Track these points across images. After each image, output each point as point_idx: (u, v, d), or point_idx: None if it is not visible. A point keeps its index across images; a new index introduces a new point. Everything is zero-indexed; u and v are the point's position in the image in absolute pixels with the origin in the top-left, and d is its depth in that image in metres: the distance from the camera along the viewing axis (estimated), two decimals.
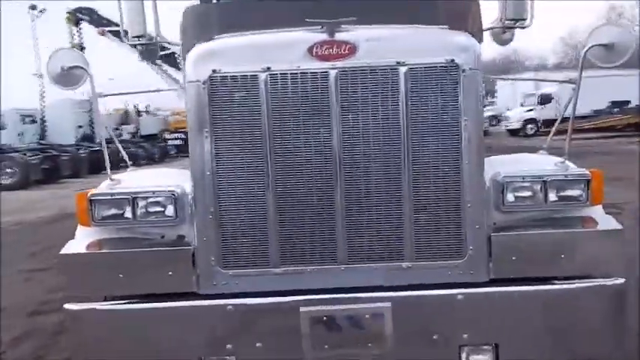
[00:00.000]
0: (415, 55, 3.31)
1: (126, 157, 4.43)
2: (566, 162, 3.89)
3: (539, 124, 35.85)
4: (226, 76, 3.34)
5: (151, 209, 3.55)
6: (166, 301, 3.47)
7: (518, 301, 3.40)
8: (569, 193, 3.49)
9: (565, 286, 3.41)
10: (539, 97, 36.77)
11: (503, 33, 6.05)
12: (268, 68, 3.32)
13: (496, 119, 45.60)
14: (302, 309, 3.37)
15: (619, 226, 3.47)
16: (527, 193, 3.49)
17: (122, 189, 3.63)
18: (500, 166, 3.70)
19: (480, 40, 3.55)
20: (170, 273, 3.45)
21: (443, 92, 3.33)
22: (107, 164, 3.92)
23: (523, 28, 4.56)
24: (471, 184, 3.38)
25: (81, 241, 3.67)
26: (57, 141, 31.01)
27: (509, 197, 3.48)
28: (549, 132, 4.11)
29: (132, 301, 3.50)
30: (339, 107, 3.33)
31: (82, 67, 3.80)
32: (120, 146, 4.42)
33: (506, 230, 3.50)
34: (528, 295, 3.40)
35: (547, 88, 36.40)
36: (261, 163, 3.39)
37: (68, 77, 3.86)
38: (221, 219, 3.43)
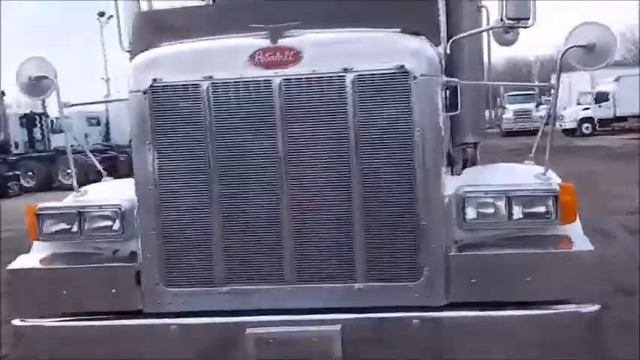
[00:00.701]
0: (363, 61, 3.08)
1: (99, 166, 4.33)
2: (549, 174, 3.59)
3: (596, 124, 34.57)
4: (167, 86, 3.20)
5: (98, 224, 3.43)
6: (113, 320, 3.34)
7: (478, 327, 3.12)
8: (535, 209, 3.19)
9: (531, 313, 3.11)
10: (595, 95, 35.46)
11: (506, 33, 5.74)
12: (210, 77, 3.16)
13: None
14: (248, 330, 3.18)
15: (591, 247, 3.15)
16: (490, 210, 3.20)
17: (71, 203, 3.53)
18: (471, 178, 3.43)
19: (437, 44, 3.28)
20: (113, 291, 3.32)
21: (393, 101, 3.10)
22: (73, 175, 3.84)
23: (526, 27, 4.26)
24: (425, 199, 3.12)
25: (31, 255, 3.59)
26: (120, 142, 31.78)
27: (470, 214, 3.20)
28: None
29: (77, 318, 3.38)
30: (284, 118, 3.14)
31: (47, 77, 3.72)
32: (90, 155, 4.34)
33: (469, 249, 3.23)
34: (489, 321, 3.12)
35: (603, 86, 35.05)
36: (205, 177, 3.22)
37: (36, 87, 3.79)
38: (164, 235, 3.29)
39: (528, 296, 3.13)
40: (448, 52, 4.97)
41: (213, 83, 3.16)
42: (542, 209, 3.18)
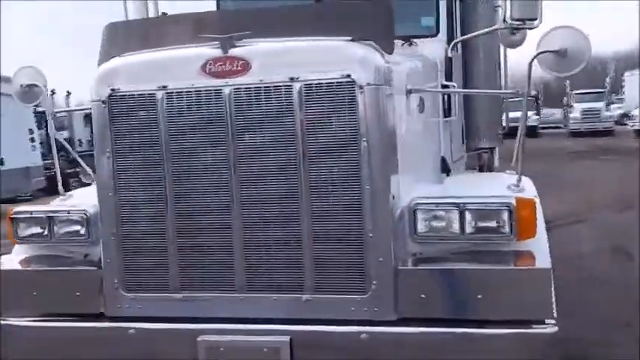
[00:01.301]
0: (310, 71, 3.05)
1: (89, 170, 4.45)
2: (522, 184, 3.48)
3: None
4: (125, 95, 3.26)
5: (67, 229, 3.54)
6: (74, 322, 3.44)
7: (427, 345, 3.04)
8: (487, 224, 3.08)
9: (480, 332, 3.00)
10: None
11: (512, 34, 5.56)
12: (164, 87, 3.20)
13: (627, 117, 42.36)
14: (199, 338, 3.21)
15: (546, 266, 3.02)
16: (442, 223, 3.11)
17: (44, 207, 3.65)
18: (441, 188, 3.35)
19: (391, 52, 3.19)
20: (77, 294, 3.42)
21: (339, 111, 3.05)
22: (59, 181, 3.98)
23: (532, 28, 4.14)
24: (372, 211, 3.06)
25: (11, 257, 3.74)
26: None
27: (421, 226, 3.13)
28: None
29: (43, 319, 3.50)
30: (234, 127, 3.15)
31: (38, 85, 3.89)
32: (78, 158, 4.47)
33: (422, 263, 3.15)
34: (436, 339, 3.03)
35: None
36: (160, 184, 3.28)
37: (29, 94, 3.95)
38: (122, 241, 3.36)
39: (479, 314, 3.02)
40: (450, 54, 4.91)
41: (167, 93, 3.20)
42: (495, 224, 3.07)
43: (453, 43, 4.94)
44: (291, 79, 3.05)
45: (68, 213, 3.54)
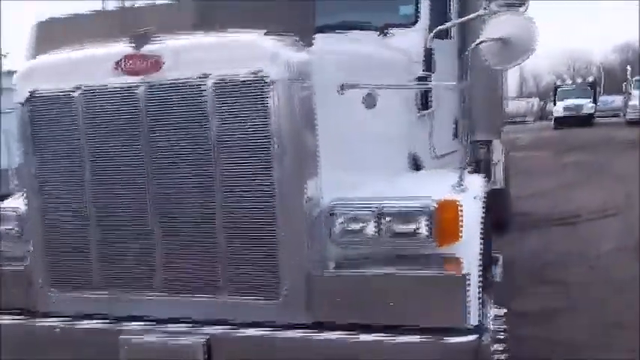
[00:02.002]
0: (221, 67, 2.95)
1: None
2: (466, 184, 3.30)
3: None
4: (43, 96, 3.24)
5: (3, 226, 3.56)
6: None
7: (336, 350, 2.93)
8: (405, 227, 2.92)
9: (388, 339, 2.87)
10: None
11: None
12: (80, 86, 3.16)
13: None
14: (121, 337, 3.18)
15: (461, 272, 2.85)
16: (358, 226, 2.97)
17: None
18: (383, 187, 3.21)
19: (308, 45, 3.05)
20: (13, 291, 3.44)
21: (250, 108, 2.93)
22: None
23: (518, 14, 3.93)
24: (284, 214, 2.95)
25: None
26: None
27: (338, 229, 2.99)
28: None
29: None
30: (149, 125, 3.08)
31: None
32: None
33: (339, 267, 3.03)
34: (346, 345, 2.91)
35: None
36: (81, 185, 3.25)
37: None
38: (47, 239, 3.36)
39: (391, 320, 2.89)
40: (429, 46, 4.70)
41: (83, 92, 3.16)
42: (412, 227, 2.91)
43: (433, 32, 4.72)
44: (203, 75, 2.96)
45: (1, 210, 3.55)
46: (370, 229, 2.95)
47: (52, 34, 3.42)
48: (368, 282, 2.93)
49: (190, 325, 3.14)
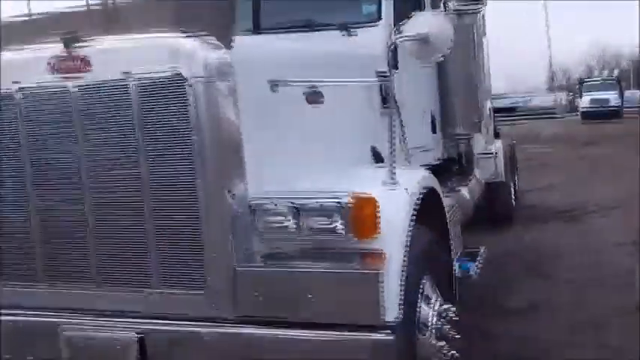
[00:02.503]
0: (142, 68, 3.02)
1: None
2: (398, 179, 3.32)
3: None
4: None
5: None
6: None
7: (256, 345, 2.98)
8: (321, 222, 2.95)
9: (307, 334, 2.90)
10: None
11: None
12: (19, 86, 3.25)
13: None
14: (59, 330, 3.28)
15: (374, 269, 2.85)
16: (279, 220, 3.01)
17: None
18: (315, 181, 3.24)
19: (228, 47, 3.09)
20: None
21: (171, 108, 3.01)
22: None
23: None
24: (208, 209, 3.00)
25: None
26: None
27: (260, 223, 3.04)
28: None
29: None
30: (80, 125, 3.17)
31: None
32: None
33: (262, 262, 3.08)
34: (266, 340, 2.96)
35: None
36: (22, 182, 3.36)
37: None
38: None
39: (310, 316, 2.92)
40: (393, 42, 4.70)
41: (22, 92, 3.26)
42: (329, 223, 2.93)
43: (394, 29, 4.71)
44: (126, 76, 3.02)
45: None
46: (290, 224, 2.98)
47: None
48: (287, 277, 2.97)
49: (125, 318, 3.22)
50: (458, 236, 5.38)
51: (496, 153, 8.84)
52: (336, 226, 2.91)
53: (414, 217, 3.27)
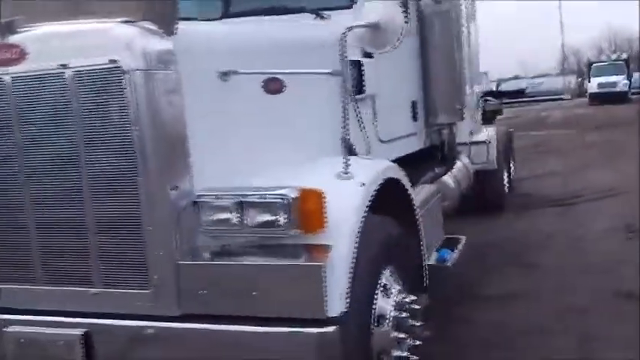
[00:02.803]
0: (79, 57, 2.90)
1: None
2: (351, 172, 3.23)
3: None
4: None
5: None
6: None
7: (202, 342, 2.89)
8: (266, 217, 2.85)
9: (252, 330, 2.81)
10: None
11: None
12: None
13: None
14: (5, 329, 3.20)
15: (318, 262, 2.77)
16: (224, 216, 2.91)
17: None
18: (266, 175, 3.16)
19: (170, 34, 2.97)
20: None
21: (109, 99, 2.89)
22: None
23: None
24: (150, 204, 2.91)
25: None
26: None
27: (205, 218, 2.94)
28: None
29: None
30: (18, 117, 3.07)
31: None
32: None
33: (207, 258, 2.99)
34: (212, 337, 2.88)
35: None
36: None
37: None
38: None
39: (255, 311, 2.83)
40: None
41: None
42: (273, 217, 2.84)
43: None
44: (62, 65, 2.92)
45: None
46: (234, 219, 2.88)
47: None
48: (231, 272, 2.88)
49: (70, 317, 3.13)
50: (438, 225, 5.30)
51: (488, 141, 8.73)
52: (281, 220, 2.81)
53: (368, 209, 3.17)
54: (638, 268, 6.02)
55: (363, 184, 3.20)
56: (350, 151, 4.13)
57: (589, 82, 37.51)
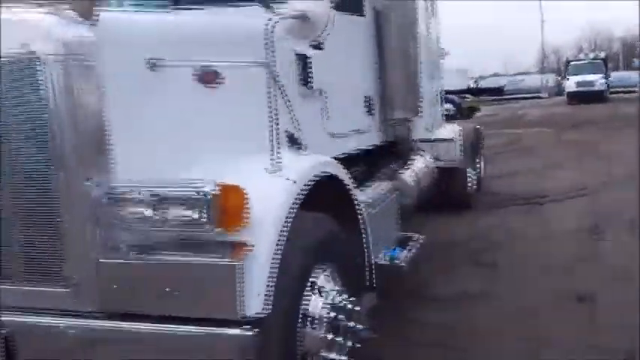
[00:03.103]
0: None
1: None
2: (281, 168, 3.15)
3: None
4: None
5: None
6: None
7: (129, 343, 2.82)
8: (184, 212, 2.77)
9: (166, 329, 2.75)
10: None
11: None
12: None
13: None
14: None
15: (233, 262, 2.68)
16: (141, 210, 2.82)
17: None
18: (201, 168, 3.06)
19: (91, 22, 2.86)
20: None
21: (26, 90, 2.81)
22: None
23: None
24: (66, 199, 2.82)
25: None
26: None
27: (123, 213, 2.85)
28: None
29: None
30: None
31: None
32: None
33: (127, 254, 2.90)
34: (136, 337, 2.80)
35: None
36: None
37: None
38: None
39: (174, 310, 2.76)
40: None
41: None
42: (191, 213, 2.76)
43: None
44: None
45: None
46: (152, 214, 2.80)
47: None
48: (147, 269, 2.80)
49: None
50: (392, 222, 5.24)
51: (453, 138, 8.69)
52: (199, 216, 2.73)
53: (297, 206, 3.09)
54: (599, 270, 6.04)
55: (293, 180, 3.12)
56: (295, 145, 4.06)
57: (567, 80, 37.76)
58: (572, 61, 39.38)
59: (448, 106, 28.81)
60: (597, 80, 35.70)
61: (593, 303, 5.31)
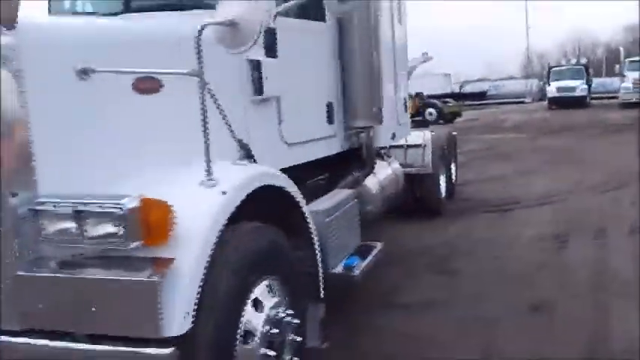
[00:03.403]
0: None
1: None
2: (215, 180, 3.06)
3: None
4: None
5: None
6: None
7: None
8: (105, 228, 2.68)
9: (86, 348, 2.67)
10: None
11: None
12: None
13: None
14: None
15: (152, 279, 2.59)
16: (62, 224, 2.73)
17: None
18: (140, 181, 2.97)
19: (10, 27, 2.77)
20: None
21: None
22: None
23: None
24: None
25: None
26: None
27: (46, 228, 2.76)
28: None
29: None
30: None
31: None
32: None
33: (54, 269, 2.80)
34: (53, 354, 2.71)
35: None
36: None
37: None
38: None
39: (94, 328, 2.67)
40: (272, 25, 4.40)
41: None
42: (112, 228, 2.67)
43: (275, 14, 4.42)
44: None
45: None
46: (73, 228, 2.70)
47: None
48: (69, 286, 2.70)
49: None
50: (352, 231, 5.16)
51: (424, 144, 8.66)
52: (120, 231, 2.64)
53: (229, 218, 3.01)
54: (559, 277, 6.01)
55: (224, 192, 3.03)
56: (243, 154, 3.96)
57: (549, 85, 37.99)
58: (553, 66, 39.63)
59: (430, 110, 29.08)
60: (578, 86, 35.95)
61: (550, 312, 5.27)
